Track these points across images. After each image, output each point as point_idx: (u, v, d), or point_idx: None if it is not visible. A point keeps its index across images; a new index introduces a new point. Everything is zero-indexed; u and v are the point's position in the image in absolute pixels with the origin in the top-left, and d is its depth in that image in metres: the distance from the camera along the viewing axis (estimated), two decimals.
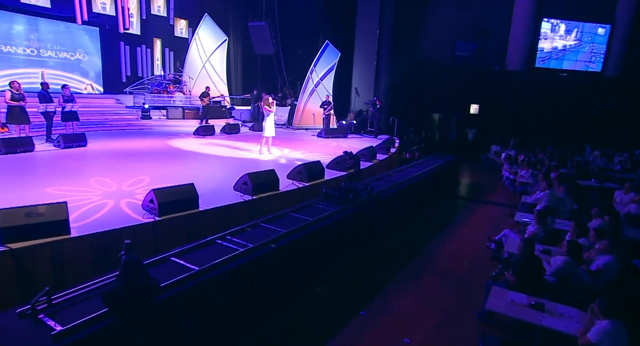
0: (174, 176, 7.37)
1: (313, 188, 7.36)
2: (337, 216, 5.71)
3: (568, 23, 19.37)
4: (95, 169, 7.60)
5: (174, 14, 19.21)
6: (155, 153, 9.70)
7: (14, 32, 13.82)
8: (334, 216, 5.70)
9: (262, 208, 6.31)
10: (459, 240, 7.58)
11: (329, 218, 5.63)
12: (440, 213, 9.58)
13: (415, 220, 8.59)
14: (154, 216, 5.05)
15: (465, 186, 12.66)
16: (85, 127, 12.66)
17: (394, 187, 7.65)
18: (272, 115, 10.02)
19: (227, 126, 14.15)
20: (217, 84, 18.30)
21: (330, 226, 5.56)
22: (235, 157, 9.71)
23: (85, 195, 5.84)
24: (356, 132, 16.17)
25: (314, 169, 7.55)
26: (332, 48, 16.80)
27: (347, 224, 5.87)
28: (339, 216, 5.71)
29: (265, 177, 6.51)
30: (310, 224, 5.41)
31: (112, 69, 17.09)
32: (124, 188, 6.35)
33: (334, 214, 5.74)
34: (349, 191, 6.14)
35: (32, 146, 8.88)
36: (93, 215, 5.02)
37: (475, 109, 21.24)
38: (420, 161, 11.21)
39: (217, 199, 6.00)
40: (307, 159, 9.70)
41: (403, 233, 7.69)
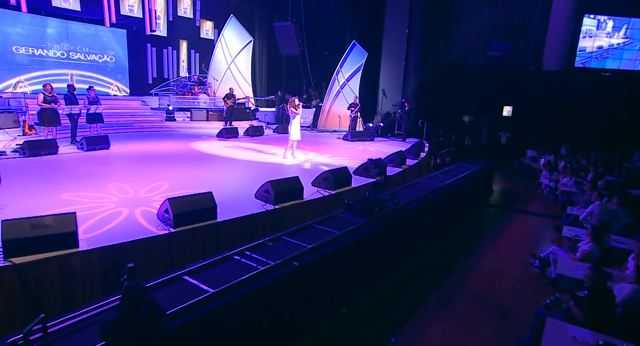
0: (193, 181, 7.06)
1: (339, 196, 6.88)
2: (363, 231, 5.21)
3: (617, 19, 18.07)
4: (114, 173, 7.39)
5: (200, 16, 19.18)
6: (177, 156, 9.48)
7: (46, 36, 14.02)
8: (360, 230, 5.21)
9: (285, 218, 5.90)
10: (497, 256, 6.92)
11: (355, 232, 5.15)
12: (474, 224, 8.91)
13: (448, 232, 7.97)
14: (169, 227, 4.71)
15: (500, 193, 11.86)
16: (110, 129, 12.67)
17: (423, 197, 7.07)
18: (298, 118, 9.62)
19: (251, 128, 13.87)
20: (241, 86, 18.12)
21: (356, 241, 5.08)
22: (258, 161, 9.37)
23: (101, 202, 5.58)
24: (383, 136, 15.59)
25: (340, 176, 7.09)
26: (359, 48, 16.29)
27: (372, 239, 5.36)
28: (364, 231, 5.21)
29: (289, 185, 6.09)
30: (337, 238, 4.95)
31: (139, 71, 17.17)
32: (141, 194, 6.07)
33: (361, 228, 5.25)
34: (373, 203, 5.60)
35: (56, 148, 8.81)
36: (105, 225, 4.72)
37: (509, 112, 20.24)
38: (452, 167, 10.54)
39: (237, 208, 5.63)
40: (332, 164, 9.25)
41: (434, 247, 7.09)
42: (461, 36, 19.13)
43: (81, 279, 3.97)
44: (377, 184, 5.97)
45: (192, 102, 16.60)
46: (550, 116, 18.83)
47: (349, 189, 7.16)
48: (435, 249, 7.01)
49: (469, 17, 18.95)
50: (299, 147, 11.05)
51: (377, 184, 5.99)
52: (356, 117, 15.11)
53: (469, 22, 19.09)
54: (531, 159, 14.53)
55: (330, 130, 16.31)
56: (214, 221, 5.03)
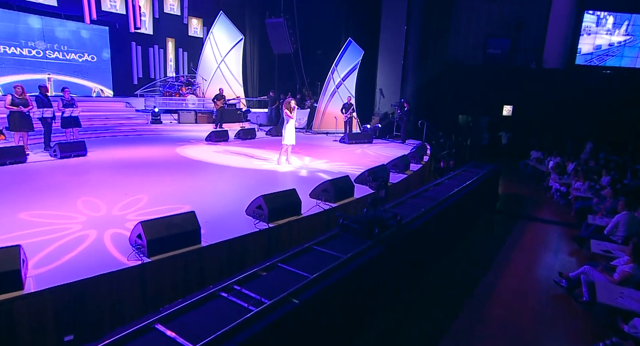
0: (176, 194, 6.27)
1: (341, 209, 6.14)
2: (364, 257, 4.45)
3: (617, 15, 17.55)
4: (87, 185, 6.56)
5: (188, 13, 18.30)
6: (160, 164, 8.66)
7: (18, 33, 13.06)
8: (363, 256, 4.45)
9: (281, 238, 5.14)
10: (515, 273, 6.22)
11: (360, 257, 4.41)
12: (484, 234, 8.23)
13: (457, 246, 7.27)
14: (143, 255, 3.92)
15: (506, 198, 11.21)
16: (90, 134, 11.81)
17: (431, 210, 6.32)
18: (293, 121, 8.84)
19: (242, 131, 13.08)
20: (232, 86, 17.29)
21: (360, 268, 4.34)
22: (250, 168, 8.58)
23: (65, 223, 4.76)
24: (381, 137, 14.88)
25: (342, 186, 6.34)
26: (355, 46, 15.55)
27: (372, 266, 4.58)
28: (365, 258, 4.43)
29: (284, 199, 5.33)
30: (343, 264, 4.20)
31: (123, 71, 16.26)
32: (114, 212, 5.26)
33: (366, 252, 4.49)
34: (372, 223, 4.81)
35: (24, 156, 7.95)
36: (66, 254, 3.92)
37: (509, 111, 19.66)
38: (458, 172, 9.83)
39: (226, 227, 4.86)
40: (330, 170, 8.51)
41: (443, 265, 6.37)
42: (460, 33, 18.51)
43: (29, 329, 3.17)
44: (376, 200, 5.13)
45: (179, 104, 15.73)
46: (552, 115, 18.31)
47: (352, 201, 6.41)
48: (444, 268, 6.28)
49: (468, 14, 18.33)
50: (294, 151, 10.28)
51: (376, 199, 5.15)
52: (351, 118, 14.37)
53: (468, 19, 18.47)
54: (536, 160, 13.92)
55: (325, 132, 15.56)
56: (197, 247, 4.25)
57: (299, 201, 5.50)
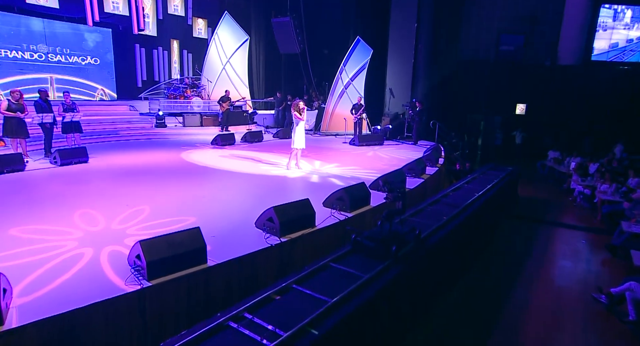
0: (181, 204, 5.86)
1: (358, 219, 5.70)
2: (388, 276, 3.99)
3: (636, 8, 16.89)
4: (86, 195, 6.17)
5: (192, 14, 17.95)
6: (164, 171, 8.26)
7: (20, 36, 12.77)
8: (386, 275, 4.00)
9: (294, 253, 4.70)
10: (547, 288, 5.73)
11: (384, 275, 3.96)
12: (507, 243, 7.72)
13: (480, 258, 6.78)
14: (142, 279, 3.51)
15: (526, 202, 10.67)
16: (93, 139, 11.49)
17: (454, 219, 5.86)
18: (303, 124, 8.39)
19: (249, 134, 12.67)
20: (238, 87, 16.90)
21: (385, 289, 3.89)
22: (258, 174, 8.16)
23: (59, 240, 4.37)
24: (392, 138, 14.39)
25: (357, 195, 5.89)
26: (363, 45, 15.08)
27: (393, 287, 4.10)
28: (388, 278, 3.96)
29: (297, 210, 4.89)
30: (364, 284, 3.77)
31: (127, 74, 15.94)
32: (113, 226, 4.86)
33: (385, 272, 4.04)
34: (389, 239, 4.30)
35: (22, 164, 7.60)
36: (57, 278, 3.51)
37: (522, 109, 19.07)
38: (476, 175, 9.35)
39: (234, 242, 4.44)
40: (343, 175, 8.06)
41: (467, 279, 5.90)
42: (471, 30, 17.93)
43: None
44: (392, 213, 4.64)
45: (184, 107, 15.38)
46: (567, 114, 17.69)
47: (368, 209, 5.96)
48: (469, 282, 5.81)
49: (479, 9, 17.75)
50: (304, 154, 9.86)
51: (393, 212, 4.65)
52: (361, 119, 13.89)
53: (480, 15, 17.89)
54: (554, 161, 13.35)
55: (334, 133, 15.11)
56: (203, 267, 3.82)
57: (313, 212, 5.07)
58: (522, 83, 17.99)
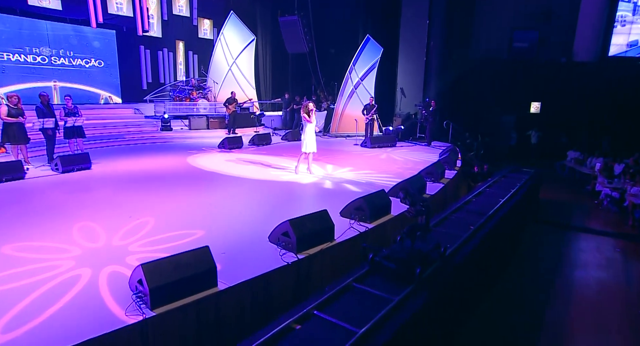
0: (187, 215, 5.45)
1: (379, 231, 5.26)
2: (417, 301, 3.54)
3: None
4: (87, 205, 5.79)
5: (198, 14, 17.63)
6: (170, 177, 7.88)
7: (22, 39, 12.49)
8: (414, 299, 3.54)
9: (312, 271, 4.27)
10: (587, 305, 5.25)
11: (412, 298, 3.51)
12: (534, 250, 7.24)
13: (507, 269, 6.31)
14: (145, 306, 3.10)
15: (548, 206, 10.16)
16: (97, 143, 11.17)
17: (481, 229, 5.39)
18: (313, 126, 7.97)
19: (257, 137, 12.27)
20: (244, 89, 16.53)
21: (418, 315, 3.45)
22: (268, 179, 7.75)
23: (56, 259, 3.98)
24: (404, 139, 13.92)
25: (377, 203, 5.45)
26: (373, 43, 14.63)
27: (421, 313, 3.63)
28: (414, 307, 3.49)
29: (315, 223, 4.46)
30: (394, 310, 3.34)
31: (132, 76, 15.64)
32: (114, 241, 4.46)
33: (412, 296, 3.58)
34: (412, 260, 3.79)
35: (22, 172, 7.25)
36: (49, 307, 3.11)
37: (537, 108, 18.48)
38: (497, 178, 8.86)
39: (246, 260, 4.02)
40: (358, 181, 7.62)
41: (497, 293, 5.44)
42: (484, 27, 17.37)
43: None
44: (414, 229, 4.14)
45: (190, 109, 15.03)
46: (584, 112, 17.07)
47: (389, 219, 5.52)
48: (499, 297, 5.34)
49: (492, 5, 17.19)
50: (315, 158, 9.45)
51: (415, 228, 4.15)
52: (373, 120, 13.43)
53: (492, 11, 17.33)
54: (575, 161, 12.80)
55: (344, 135, 14.68)
56: (213, 291, 3.41)
57: (332, 224, 4.63)
58: (536, 81, 17.41)
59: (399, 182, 6.66)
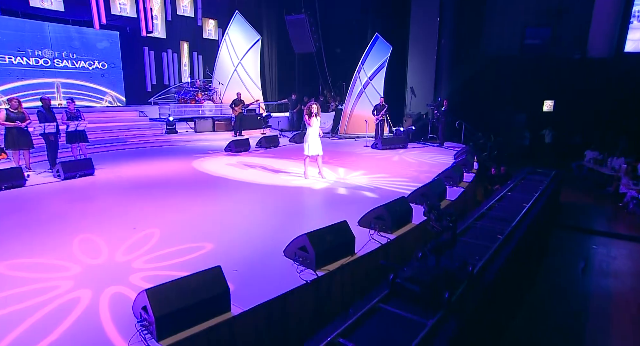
0: (195, 225, 5.11)
1: (401, 242, 4.88)
2: (446, 333, 3.13)
3: None
4: (89, 215, 5.47)
5: (202, 14, 17.30)
6: (176, 183, 7.55)
7: (24, 41, 12.22)
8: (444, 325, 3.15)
9: (332, 289, 3.90)
10: (628, 317, 4.83)
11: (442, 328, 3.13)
12: (562, 258, 6.81)
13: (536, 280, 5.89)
14: (151, 338, 2.74)
15: (570, 209, 9.72)
16: (101, 147, 10.89)
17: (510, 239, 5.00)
18: (314, 130, 7.53)
19: (264, 139, 11.94)
20: (250, 89, 16.18)
21: None
22: (278, 185, 7.39)
23: (53, 279, 3.64)
24: (415, 140, 13.52)
25: (399, 212, 5.07)
26: (382, 41, 14.25)
27: None
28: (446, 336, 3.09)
29: (335, 236, 4.09)
30: (430, 336, 2.97)
31: (136, 78, 15.35)
32: (117, 257, 4.12)
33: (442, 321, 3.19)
34: (438, 282, 3.39)
35: (22, 179, 6.95)
36: (42, 339, 2.77)
37: (550, 106, 17.97)
38: (517, 182, 8.46)
39: (261, 279, 3.66)
40: (373, 185, 7.24)
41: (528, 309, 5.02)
42: (495, 24, 16.91)
43: None
44: (439, 246, 3.72)
45: (195, 111, 14.71)
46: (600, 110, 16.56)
47: (412, 228, 5.14)
48: (532, 317, 4.92)
49: (503, 2, 16.73)
50: (325, 161, 9.09)
51: (440, 245, 3.73)
52: (383, 120, 13.04)
53: (503, 7, 16.87)
54: (594, 162, 12.33)
55: (353, 136, 14.30)
56: (226, 317, 3.05)
57: (353, 237, 4.26)
58: (549, 78, 16.91)
59: (419, 187, 6.27)
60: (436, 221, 3.73)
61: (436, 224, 3.72)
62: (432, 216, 3.75)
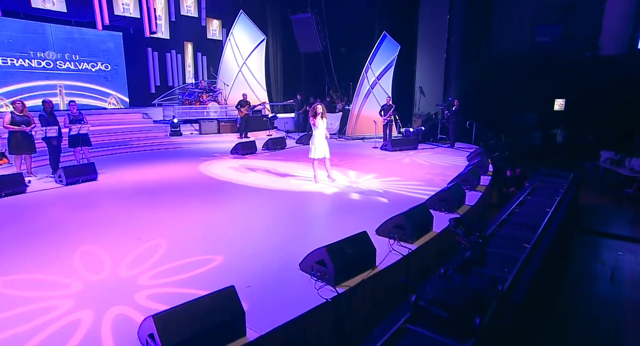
0: (203, 235, 4.83)
1: (422, 252, 4.57)
2: None
3: None
4: (92, 224, 5.20)
5: (206, 14, 17.06)
6: (182, 188, 7.28)
7: (26, 43, 12.01)
8: None
9: (353, 306, 3.61)
10: None
11: None
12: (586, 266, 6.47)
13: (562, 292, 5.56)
14: None
15: (590, 212, 9.36)
16: (104, 151, 10.66)
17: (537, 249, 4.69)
18: (320, 131, 7.24)
19: (271, 141, 11.66)
20: (255, 90, 15.92)
21: None
22: (288, 190, 7.10)
23: (52, 297, 3.37)
24: (424, 141, 13.19)
25: (419, 220, 4.77)
26: (390, 40, 13.94)
27: None
28: None
29: (354, 248, 3.80)
30: None
31: (139, 79, 15.12)
32: (121, 272, 3.84)
33: None
34: (467, 306, 3.06)
35: (22, 186, 6.70)
36: None
37: (560, 105, 17.58)
38: (535, 184, 8.13)
39: (277, 296, 3.37)
40: (386, 190, 6.93)
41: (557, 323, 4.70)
42: (504, 21, 16.52)
43: None
44: (467, 264, 3.31)
45: (200, 113, 14.46)
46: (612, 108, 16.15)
47: (433, 237, 4.83)
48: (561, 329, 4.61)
49: None
50: (335, 164, 8.82)
51: (467, 263, 3.38)
52: (391, 121, 12.72)
53: (513, 5, 16.50)
54: (611, 162, 11.96)
55: (360, 137, 14.00)
56: (241, 343, 2.76)
57: (374, 249, 3.96)
58: (560, 77, 16.53)
59: (437, 192, 5.96)
60: (464, 236, 3.42)
61: (464, 240, 3.40)
62: (460, 231, 3.44)
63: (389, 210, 5.70)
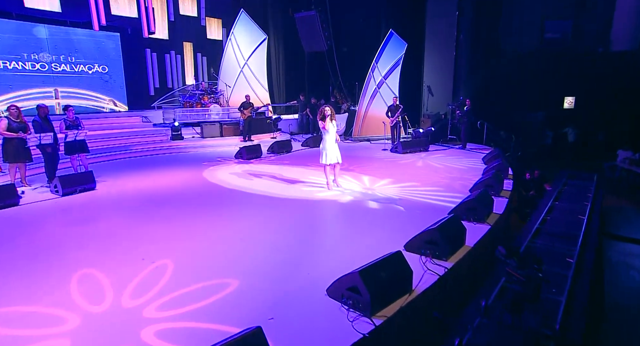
0: (213, 254, 4.38)
1: (457, 270, 4.12)
2: None
3: None
4: (90, 242, 4.74)
5: (206, 13, 16.59)
6: (186, 197, 6.83)
7: (20, 45, 11.53)
8: None
9: (389, 338, 3.15)
10: None
11: None
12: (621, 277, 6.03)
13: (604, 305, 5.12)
14: None
15: (612, 216, 8.92)
16: (102, 157, 10.19)
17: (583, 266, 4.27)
18: (332, 136, 6.78)
19: (277, 144, 11.21)
20: (257, 91, 15.45)
21: None
22: (300, 198, 6.65)
23: (45, 336, 2.91)
24: (434, 142, 12.75)
25: (452, 234, 4.32)
26: (397, 38, 13.50)
27: None
28: None
29: (389, 271, 3.34)
30: None
31: (138, 81, 14.66)
32: (124, 301, 3.38)
33: None
34: None
35: (15, 198, 6.24)
36: None
37: (570, 103, 17.13)
38: (560, 188, 7.71)
39: (305, 332, 2.92)
40: (405, 197, 6.48)
41: None
42: (513, 17, 16.10)
43: None
44: (520, 302, 2.90)
45: (202, 115, 13.99)
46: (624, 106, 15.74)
47: (467, 253, 4.38)
48: None
49: None
50: (346, 168, 8.39)
51: (520, 299, 2.91)
52: (399, 121, 12.26)
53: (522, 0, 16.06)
54: (630, 162, 11.53)
55: (367, 139, 13.55)
56: None
57: (410, 271, 3.52)
58: (570, 74, 16.11)
59: (463, 200, 5.51)
60: (518, 269, 2.95)
61: (518, 273, 2.94)
62: (513, 262, 2.98)
63: (412, 220, 5.28)
